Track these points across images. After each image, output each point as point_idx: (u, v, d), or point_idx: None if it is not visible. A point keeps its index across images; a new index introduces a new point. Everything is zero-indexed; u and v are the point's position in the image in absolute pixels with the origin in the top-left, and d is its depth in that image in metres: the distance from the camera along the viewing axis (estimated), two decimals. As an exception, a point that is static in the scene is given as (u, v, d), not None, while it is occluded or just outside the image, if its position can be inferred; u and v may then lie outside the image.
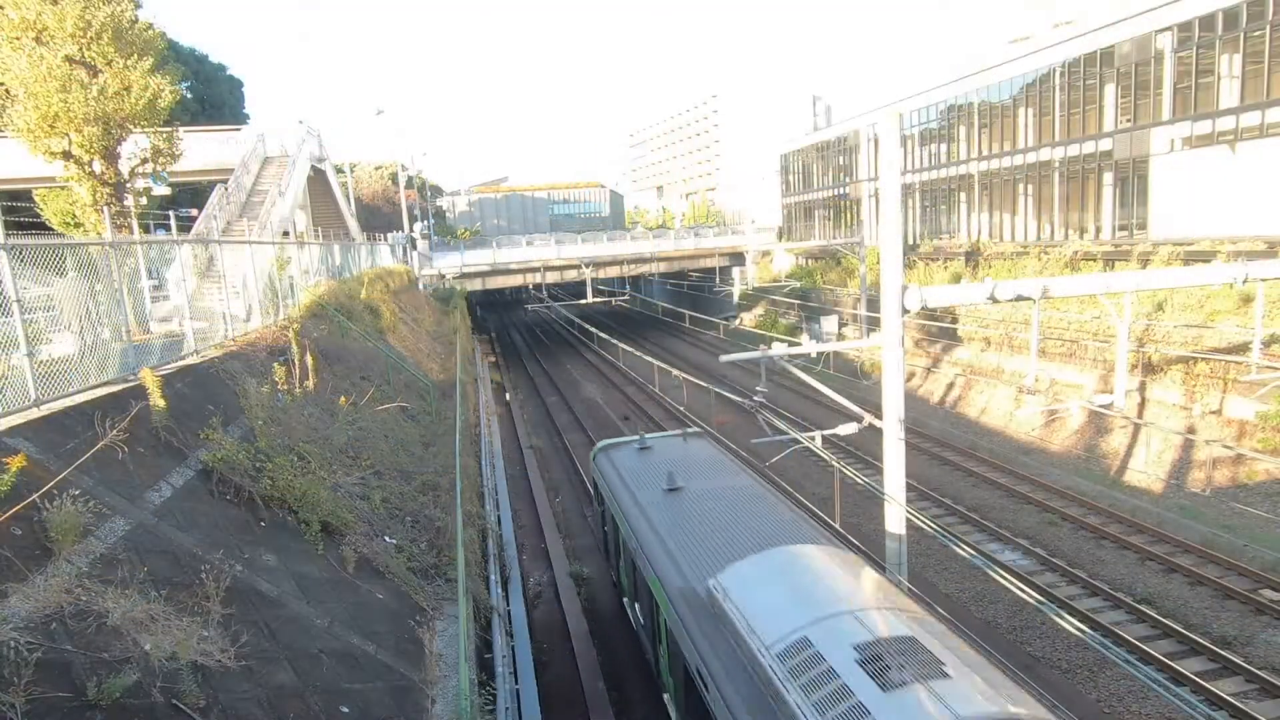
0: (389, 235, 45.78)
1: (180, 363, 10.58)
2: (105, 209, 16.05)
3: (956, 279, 34.21)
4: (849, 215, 50.84)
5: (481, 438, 20.62)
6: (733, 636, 7.80)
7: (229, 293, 13.42)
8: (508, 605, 11.14)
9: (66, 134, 17.41)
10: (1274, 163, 24.52)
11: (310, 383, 12.76)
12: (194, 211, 28.14)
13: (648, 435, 15.42)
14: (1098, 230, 31.87)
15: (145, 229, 22.67)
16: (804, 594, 7.91)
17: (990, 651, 7.80)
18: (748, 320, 50.80)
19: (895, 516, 11.82)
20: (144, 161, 19.97)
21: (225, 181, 28.36)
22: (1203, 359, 21.75)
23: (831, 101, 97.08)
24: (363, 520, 9.79)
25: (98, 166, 18.43)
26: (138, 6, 18.98)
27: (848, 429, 16.22)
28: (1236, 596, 14.83)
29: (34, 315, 7.83)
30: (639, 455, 14.37)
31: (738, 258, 53.45)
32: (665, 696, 10.52)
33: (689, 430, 16.19)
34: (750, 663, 7.35)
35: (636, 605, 12.38)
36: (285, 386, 11.89)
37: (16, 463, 5.69)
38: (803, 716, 6.24)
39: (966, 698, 5.94)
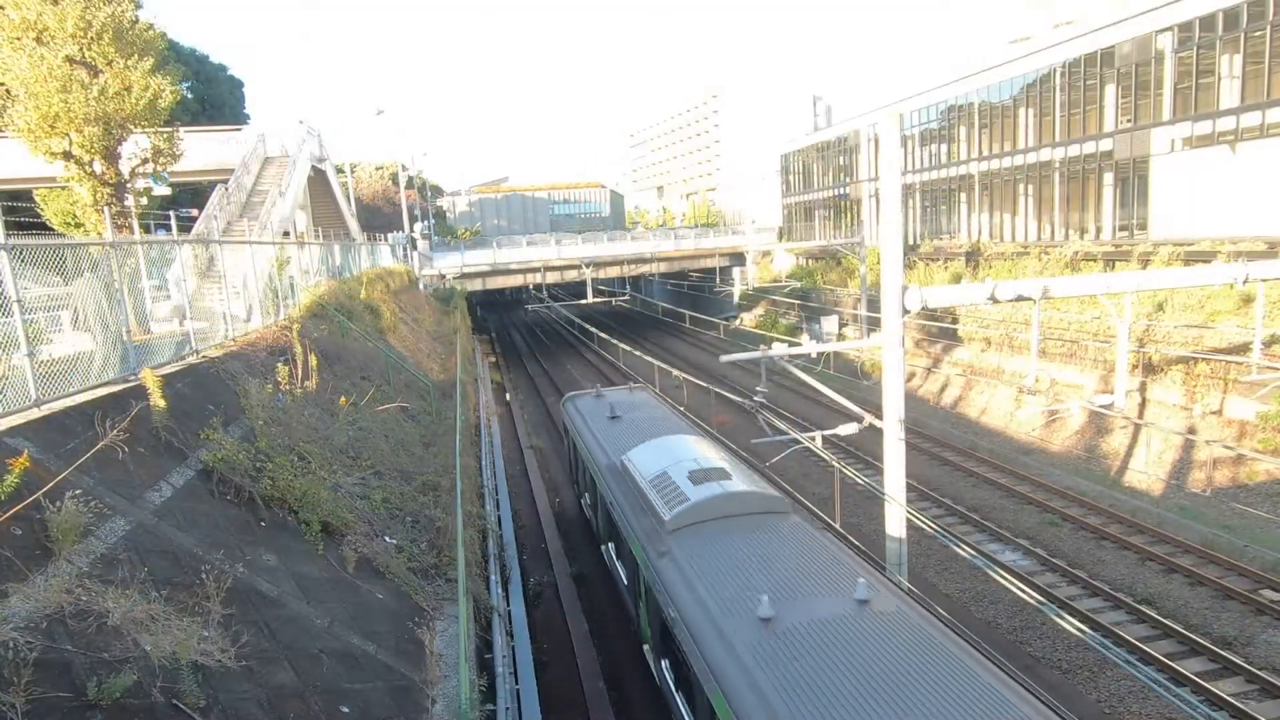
0: (389, 235, 45.79)
1: (181, 363, 10.59)
2: (106, 209, 16.04)
3: (957, 279, 34.22)
4: (849, 215, 50.85)
5: (482, 438, 20.62)
6: (630, 480, 13.02)
7: (229, 293, 13.43)
8: (508, 605, 11.14)
9: (67, 134, 17.42)
10: (1274, 163, 24.52)
11: (311, 383, 12.77)
12: (194, 211, 28.15)
13: (602, 388, 21.15)
14: (1098, 230, 31.87)
15: (146, 229, 22.67)
16: (669, 454, 13.07)
17: (990, 651, 7.79)
18: (748, 320, 50.80)
19: (895, 517, 11.82)
20: (144, 162, 19.98)
21: (226, 182, 28.38)
22: (1203, 359, 21.75)
23: (832, 101, 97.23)
24: (363, 520, 9.80)
25: (98, 167, 18.44)
26: (138, 7, 18.99)
27: (848, 429, 16.22)
28: (1237, 597, 14.82)
29: (34, 315, 7.85)
30: (594, 400, 19.72)
31: (738, 258, 53.45)
32: (603, 547, 15.68)
33: (634, 384, 22.43)
34: (636, 490, 12.59)
35: (586, 495, 17.76)
36: (286, 386, 11.90)
37: (20, 464, 5.69)
38: (656, 506, 11.38)
39: (734, 484, 11.41)
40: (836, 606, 8.10)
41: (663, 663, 10.40)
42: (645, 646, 11.88)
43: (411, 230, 47.60)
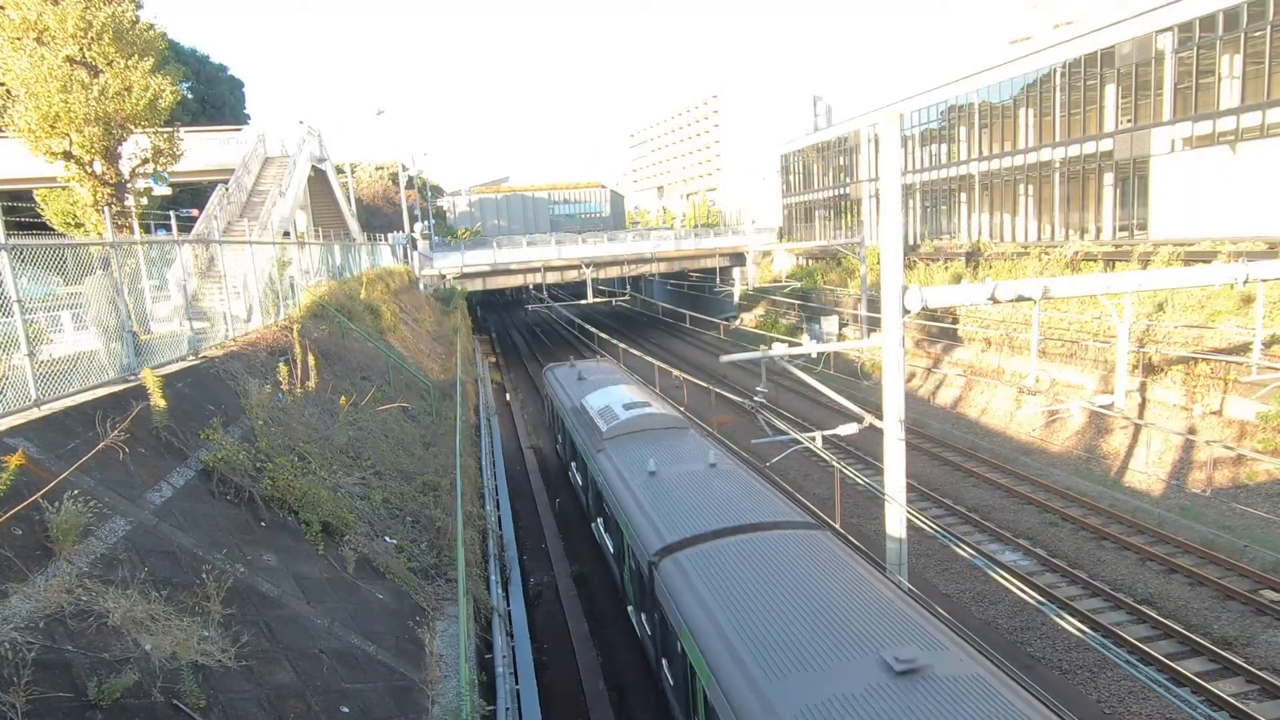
0: (389, 235, 45.78)
1: (181, 363, 10.59)
2: (106, 209, 16.03)
3: (957, 279, 34.22)
4: (849, 215, 50.85)
5: (482, 438, 20.62)
6: (584, 414, 18.40)
7: (229, 293, 13.43)
8: (508, 605, 11.13)
9: (67, 134, 17.41)
10: (1275, 163, 24.51)
11: (311, 383, 12.77)
12: (195, 211, 28.15)
13: (574, 360, 27.80)
14: (1098, 231, 31.86)
15: (146, 229, 22.66)
16: (612, 396, 18.53)
17: (991, 652, 7.80)
18: (748, 320, 50.79)
19: (895, 517, 11.82)
20: (145, 162, 19.97)
21: (226, 182, 28.38)
22: (1203, 359, 21.74)
23: (832, 101, 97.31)
24: (363, 520, 9.80)
25: (98, 167, 18.43)
26: (139, 7, 18.97)
27: (848, 429, 16.22)
28: (1237, 597, 14.82)
29: (34, 315, 7.86)
30: (568, 368, 25.07)
31: (738, 258, 53.45)
32: (569, 469, 20.64)
33: (600, 356, 30.89)
34: (587, 418, 17.92)
35: (559, 435, 22.73)
36: (286, 387, 11.90)
37: (15, 461, 5.69)
38: (598, 424, 16.75)
39: (651, 409, 17.14)
40: (695, 467, 13.70)
41: (598, 519, 16.06)
42: (593, 525, 16.82)
43: (412, 230, 47.58)
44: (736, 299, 52.33)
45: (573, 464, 19.43)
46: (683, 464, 13.80)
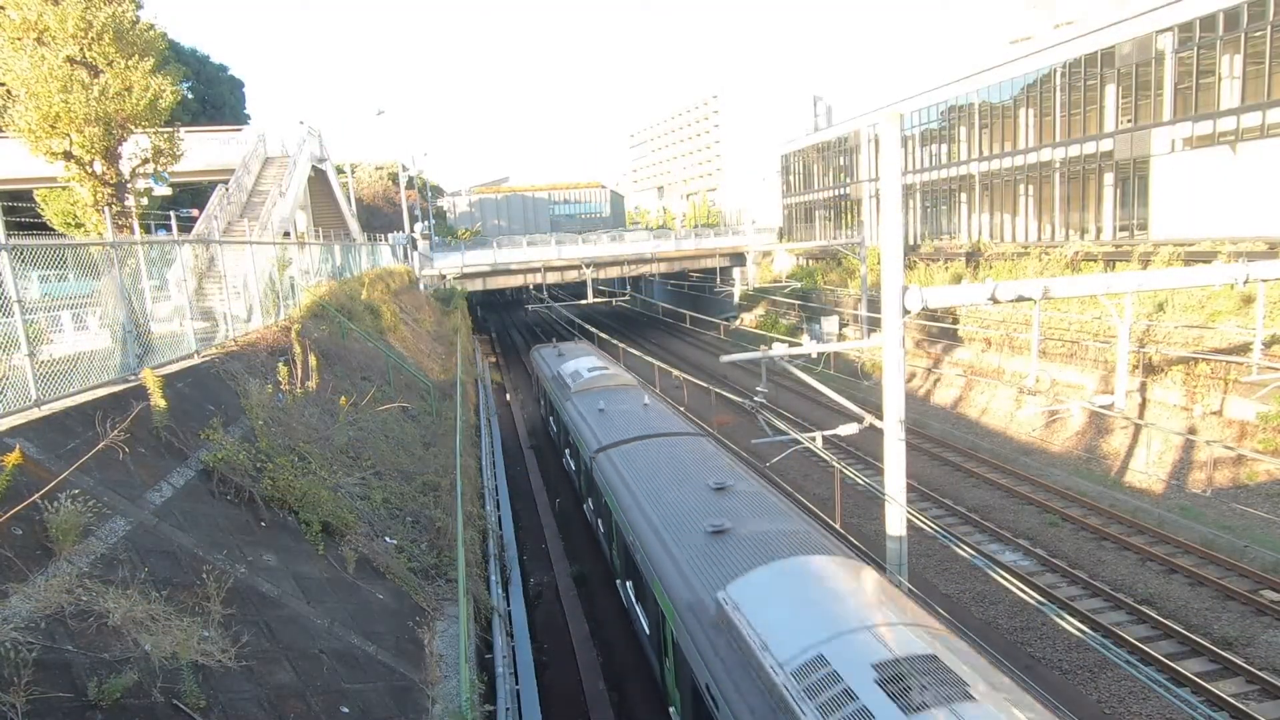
0: (390, 235, 45.79)
1: (181, 363, 10.59)
2: (106, 209, 16.03)
3: (957, 279, 34.21)
4: (849, 216, 50.85)
5: (482, 438, 20.62)
6: (560, 379, 23.41)
7: (230, 293, 13.43)
8: (508, 606, 11.13)
9: (68, 134, 17.42)
10: (1275, 163, 24.51)
11: (311, 383, 12.77)
12: (195, 211, 28.14)
13: (556, 341, 33.59)
14: (1098, 231, 31.86)
15: (146, 229, 22.66)
16: (581, 364, 24.27)
17: (992, 653, 7.79)
18: (748, 320, 50.80)
19: (896, 517, 11.82)
20: (145, 162, 19.97)
21: (226, 182, 28.37)
22: (1203, 360, 21.74)
23: (832, 102, 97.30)
24: (363, 520, 9.80)
25: (99, 167, 18.43)
26: (139, 7, 18.98)
27: (848, 429, 16.22)
28: (1237, 597, 14.81)
29: (34, 315, 7.87)
30: (550, 348, 30.08)
31: (738, 258, 53.45)
32: (548, 423, 26.37)
33: (578, 339, 36.69)
34: (561, 381, 23.36)
35: (541, 401, 28.62)
36: (286, 387, 11.90)
37: (12, 459, 5.68)
38: (569, 384, 22.75)
39: (609, 371, 23.03)
40: (631, 407, 18.80)
41: (565, 451, 21.41)
42: (563, 460, 22.06)
43: (412, 230, 47.58)
44: (736, 299, 52.33)
45: (550, 418, 25.59)
46: (623, 405, 19.21)
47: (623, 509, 12.67)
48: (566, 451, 21.17)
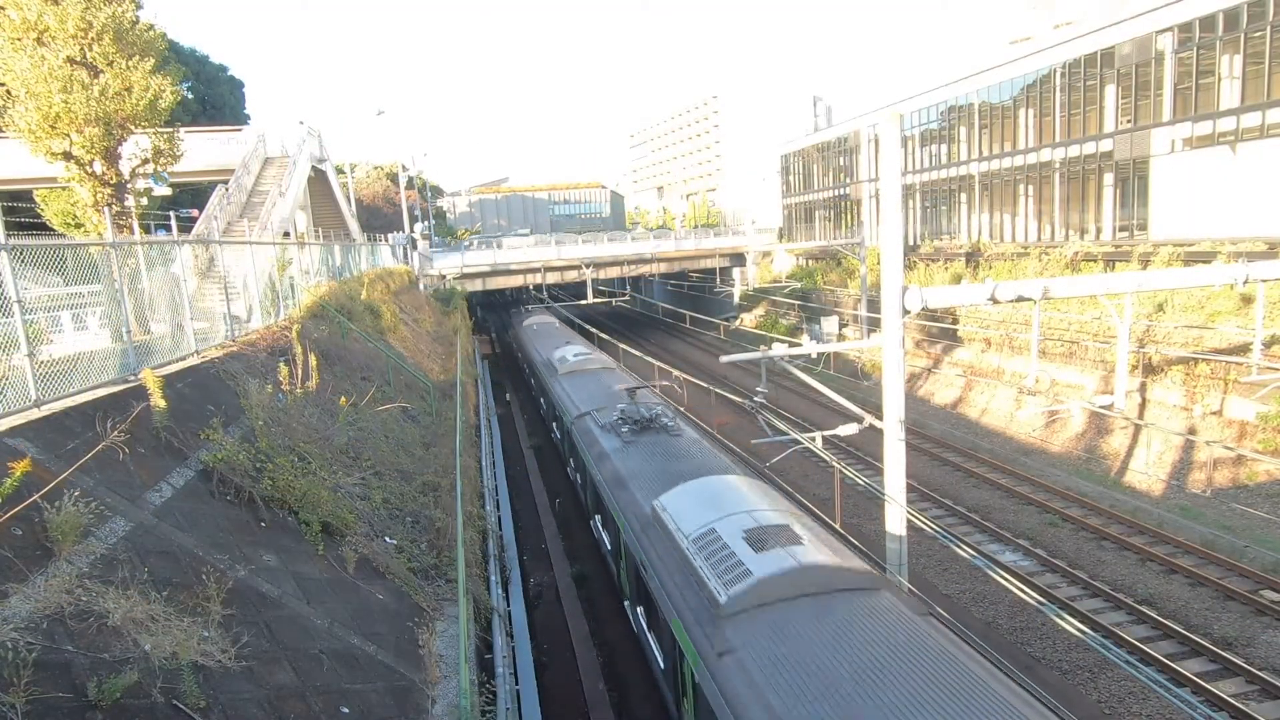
0: (390, 236, 45.78)
1: (181, 363, 10.59)
2: (106, 209, 16.00)
3: (957, 280, 34.21)
4: (849, 216, 50.85)
5: (481, 438, 20.62)
6: (525, 349, 34.28)
7: (230, 293, 13.43)
8: (508, 606, 11.13)
9: (68, 135, 17.39)
10: (1275, 163, 24.51)
11: (311, 383, 12.77)
12: (195, 212, 28.13)
13: (526, 308, 48.64)
14: (1098, 231, 31.87)
15: (146, 229, 22.66)
16: (539, 319, 40.36)
17: (991, 652, 7.80)
18: (748, 321, 50.79)
19: (895, 517, 11.82)
20: (145, 162, 19.93)
21: (226, 182, 28.36)
22: (1203, 360, 21.75)
23: (832, 102, 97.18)
24: (363, 521, 9.80)
25: (99, 167, 18.40)
26: (139, 7, 18.95)
27: (848, 430, 16.22)
28: (1237, 597, 14.82)
29: (34, 315, 7.87)
30: (523, 313, 42.23)
31: (738, 258, 53.43)
32: (526, 372, 34.88)
33: (548, 309, 46.99)
34: (533, 342, 33.47)
35: (518, 356, 37.76)
36: (286, 387, 11.89)
37: (21, 466, 5.68)
38: (547, 355, 28.66)
39: (576, 347, 28.19)
40: (599, 367, 24.72)
41: (533, 384, 28.89)
42: (540, 406, 26.71)
43: (412, 231, 47.58)
44: (736, 299, 52.32)
45: (525, 367, 33.57)
46: (589, 361, 25.18)
47: (591, 455, 16.13)
48: (532, 383, 29.30)
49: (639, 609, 11.79)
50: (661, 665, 10.35)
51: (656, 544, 10.72)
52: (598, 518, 15.88)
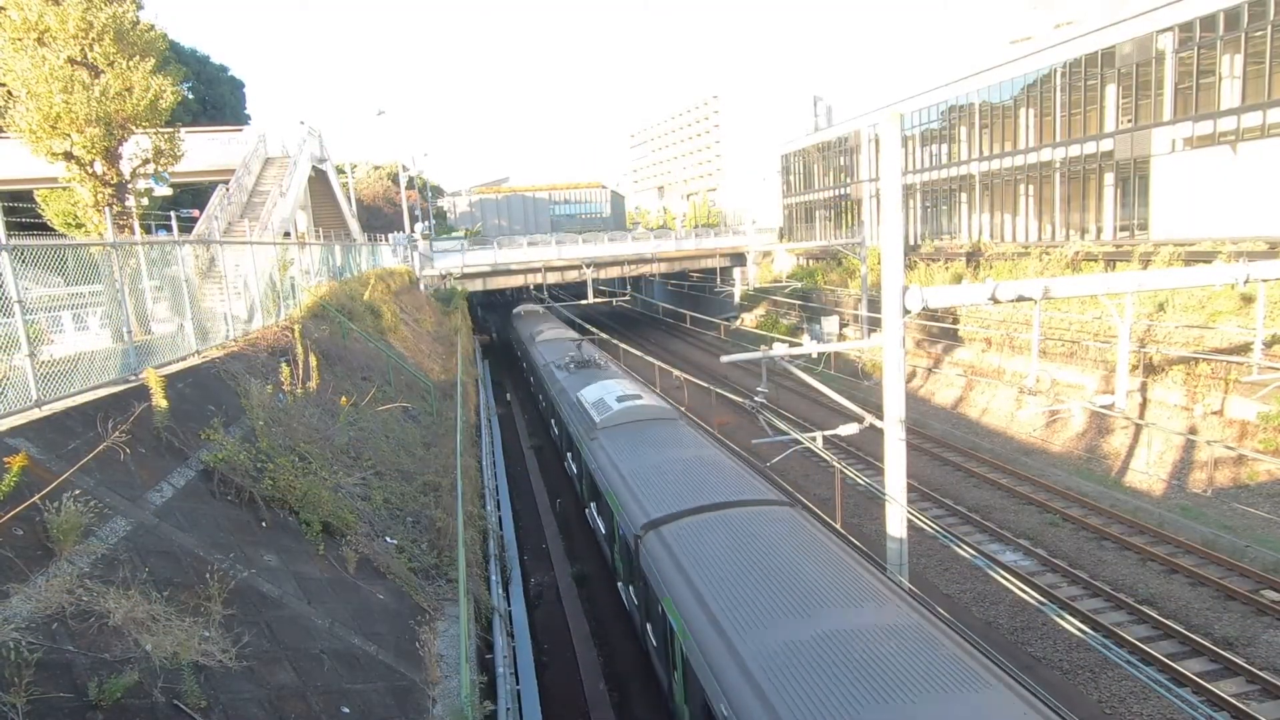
0: (390, 236, 45.80)
1: (182, 363, 10.59)
2: (107, 210, 16.01)
3: (958, 279, 34.20)
4: (850, 216, 50.84)
5: (482, 438, 20.62)
6: (525, 329, 39.27)
7: (230, 293, 13.43)
8: (509, 606, 11.14)
9: (68, 135, 17.39)
10: (1275, 163, 24.50)
11: (312, 383, 12.77)
12: (195, 212, 28.16)
13: (523, 309, 49.23)
14: (1099, 231, 31.85)
15: (147, 230, 22.67)
16: (528, 308, 48.61)
17: (991, 652, 7.80)
18: (749, 321, 50.78)
19: (896, 517, 11.83)
20: (145, 162, 19.95)
21: (227, 182, 28.39)
22: (1204, 359, 21.74)
23: (832, 102, 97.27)
24: (364, 521, 9.80)
25: (99, 167, 18.42)
26: (140, 8, 18.97)
27: (849, 429, 16.23)
28: (1238, 597, 14.81)
29: (35, 315, 7.88)
30: (527, 317, 42.80)
31: (739, 258, 53.42)
32: (519, 355, 39.80)
33: (545, 306, 49.50)
34: (522, 322, 42.68)
35: (518, 355, 40.21)
36: (287, 387, 11.90)
37: (18, 462, 5.69)
38: (530, 332, 36.94)
39: (553, 326, 37.50)
40: (571, 336, 32.64)
41: (523, 364, 37.16)
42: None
43: (412, 231, 47.60)
44: (737, 299, 52.32)
45: (518, 350, 37.44)
46: (561, 336, 31.64)
47: (575, 428, 19.05)
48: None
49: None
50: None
51: (599, 460, 15.44)
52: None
